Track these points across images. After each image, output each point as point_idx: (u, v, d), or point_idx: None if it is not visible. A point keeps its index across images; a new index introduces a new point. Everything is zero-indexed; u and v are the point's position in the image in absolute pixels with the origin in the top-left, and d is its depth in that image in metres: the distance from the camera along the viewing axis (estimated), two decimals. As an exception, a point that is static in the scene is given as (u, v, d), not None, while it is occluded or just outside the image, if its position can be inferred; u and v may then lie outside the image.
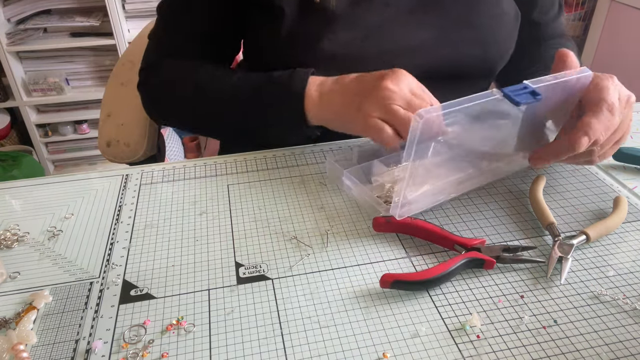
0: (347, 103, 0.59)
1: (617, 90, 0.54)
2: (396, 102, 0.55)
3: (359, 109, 0.57)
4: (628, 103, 0.55)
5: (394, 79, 0.56)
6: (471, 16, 0.69)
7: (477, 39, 0.70)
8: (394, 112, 0.54)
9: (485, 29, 0.70)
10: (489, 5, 0.70)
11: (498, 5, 0.71)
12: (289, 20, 0.66)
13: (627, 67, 2.07)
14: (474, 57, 0.71)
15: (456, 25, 0.69)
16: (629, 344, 0.42)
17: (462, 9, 0.69)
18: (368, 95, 0.57)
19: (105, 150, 0.90)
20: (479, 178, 0.60)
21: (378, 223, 0.54)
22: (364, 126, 0.57)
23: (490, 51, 0.71)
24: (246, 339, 0.43)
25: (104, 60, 2.13)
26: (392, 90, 0.55)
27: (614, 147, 0.57)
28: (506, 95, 0.50)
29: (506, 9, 0.72)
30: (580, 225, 0.55)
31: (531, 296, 0.47)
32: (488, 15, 0.70)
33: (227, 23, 0.72)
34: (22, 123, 2.21)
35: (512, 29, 0.73)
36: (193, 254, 0.52)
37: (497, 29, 0.71)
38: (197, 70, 0.70)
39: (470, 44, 0.70)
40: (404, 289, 0.47)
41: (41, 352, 0.43)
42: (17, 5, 1.97)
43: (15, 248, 0.54)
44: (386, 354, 0.41)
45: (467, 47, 0.70)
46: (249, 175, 0.65)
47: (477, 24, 0.69)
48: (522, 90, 0.51)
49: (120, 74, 0.93)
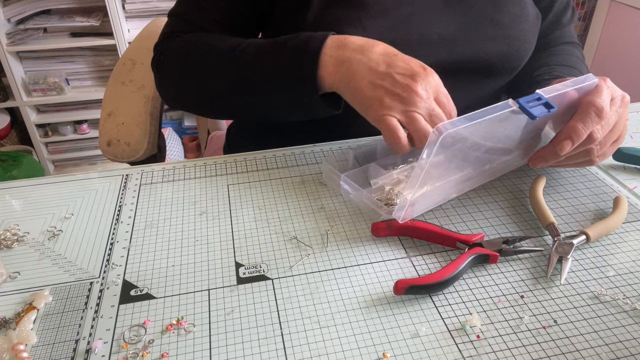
0: (369, 87, 0.56)
1: (610, 92, 0.54)
2: (420, 111, 0.53)
3: (381, 102, 0.55)
4: (623, 102, 0.55)
5: (424, 84, 0.54)
6: (496, 14, 0.69)
7: (503, 36, 0.70)
8: (415, 121, 0.53)
9: (510, 27, 0.70)
10: (512, 4, 0.70)
11: (519, 4, 0.71)
12: (317, 5, 0.66)
13: (627, 66, 2.07)
14: (499, 55, 0.70)
15: (481, 23, 0.69)
16: (629, 344, 0.42)
17: (487, 7, 0.69)
18: (396, 91, 0.54)
19: (106, 150, 0.90)
20: (479, 177, 0.60)
21: (377, 228, 0.53)
22: (380, 121, 0.55)
23: (515, 49, 0.71)
24: (246, 339, 0.43)
25: (104, 60, 2.13)
26: (420, 96, 0.54)
27: (612, 147, 0.57)
28: (522, 108, 0.50)
29: (528, 8, 0.72)
30: (580, 225, 0.55)
31: (531, 296, 0.47)
32: (512, 14, 0.70)
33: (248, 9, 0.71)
34: (22, 123, 2.21)
35: (534, 29, 0.74)
36: (193, 254, 0.52)
37: (522, 27, 0.71)
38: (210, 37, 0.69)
39: (496, 41, 0.70)
40: (420, 293, 0.47)
41: (41, 352, 0.43)
42: (17, 5, 1.97)
43: (15, 248, 0.54)
44: (386, 354, 0.41)
45: (492, 44, 0.70)
46: (249, 175, 0.65)
47: (502, 22, 0.70)
48: (536, 102, 0.51)
49: (120, 74, 0.93)
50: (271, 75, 0.62)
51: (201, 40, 0.68)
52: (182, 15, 0.73)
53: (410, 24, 0.67)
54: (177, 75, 0.70)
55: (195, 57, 0.68)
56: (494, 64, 0.71)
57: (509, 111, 0.50)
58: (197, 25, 0.71)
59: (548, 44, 0.81)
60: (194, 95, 0.71)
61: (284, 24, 0.71)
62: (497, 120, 0.50)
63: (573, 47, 0.82)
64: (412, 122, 0.53)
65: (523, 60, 0.74)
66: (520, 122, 0.55)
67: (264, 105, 0.65)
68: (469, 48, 0.69)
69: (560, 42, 0.82)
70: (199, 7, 0.71)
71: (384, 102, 0.54)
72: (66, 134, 2.25)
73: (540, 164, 0.57)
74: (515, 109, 0.50)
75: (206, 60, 0.66)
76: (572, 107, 0.55)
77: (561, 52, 0.80)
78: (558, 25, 0.81)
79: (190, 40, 0.69)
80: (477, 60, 0.70)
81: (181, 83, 0.71)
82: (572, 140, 0.53)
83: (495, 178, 0.62)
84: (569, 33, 0.83)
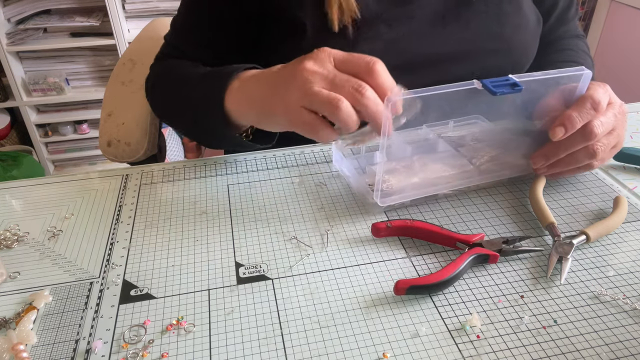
0: (267, 93, 0.52)
1: (608, 95, 0.55)
2: (317, 84, 0.48)
3: (280, 100, 0.50)
4: (621, 109, 0.56)
5: (315, 58, 0.49)
6: (495, 27, 0.69)
7: (503, 49, 0.69)
8: (315, 96, 0.47)
9: (511, 38, 0.69)
10: (511, 16, 0.69)
11: (519, 14, 0.70)
12: (311, 33, 0.65)
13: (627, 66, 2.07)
14: (499, 67, 0.70)
15: (481, 37, 0.69)
16: (629, 344, 0.42)
17: (488, 21, 0.68)
18: (288, 82, 0.50)
19: (106, 150, 0.90)
20: (475, 177, 0.60)
21: (377, 228, 0.53)
22: (288, 119, 0.50)
23: (515, 60, 0.71)
24: (246, 339, 0.43)
25: (104, 60, 2.13)
26: (311, 70, 0.48)
27: (611, 152, 0.58)
28: (484, 86, 0.51)
29: (528, 15, 0.71)
30: (580, 225, 0.55)
31: (531, 296, 0.47)
32: (513, 25, 0.69)
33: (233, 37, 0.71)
34: (22, 123, 2.21)
35: (535, 35, 0.73)
36: (193, 254, 0.52)
37: (522, 37, 0.70)
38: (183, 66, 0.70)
39: (495, 54, 0.69)
40: (420, 293, 0.47)
41: (41, 352, 0.43)
42: (17, 5, 1.97)
43: (15, 248, 0.54)
44: (386, 354, 0.41)
45: (492, 57, 0.69)
46: (249, 175, 0.65)
47: (503, 34, 0.69)
48: (503, 82, 0.51)
49: (120, 74, 0.93)
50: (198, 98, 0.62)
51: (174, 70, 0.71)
52: (171, 41, 0.75)
53: (407, 46, 0.67)
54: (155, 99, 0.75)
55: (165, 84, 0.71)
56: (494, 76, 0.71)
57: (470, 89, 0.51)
58: (183, 51, 0.73)
59: (554, 40, 0.81)
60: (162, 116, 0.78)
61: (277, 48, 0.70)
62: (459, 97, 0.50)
63: (578, 39, 0.83)
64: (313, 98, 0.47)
65: (524, 68, 0.74)
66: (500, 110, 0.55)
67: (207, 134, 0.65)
68: (467, 64, 0.69)
69: (566, 36, 0.82)
70: (185, 35, 0.73)
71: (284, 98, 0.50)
72: (66, 134, 2.25)
73: (541, 161, 0.57)
74: (478, 87, 0.51)
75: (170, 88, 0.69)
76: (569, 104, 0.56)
77: (567, 46, 0.80)
78: (563, 22, 0.81)
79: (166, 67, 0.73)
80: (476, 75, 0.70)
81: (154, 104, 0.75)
82: (566, 128, 0.53)
83: (496, 181, 0.62)
84: (573, 26, 0.83)
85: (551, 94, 0.56)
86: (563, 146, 0.55)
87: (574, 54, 0.78)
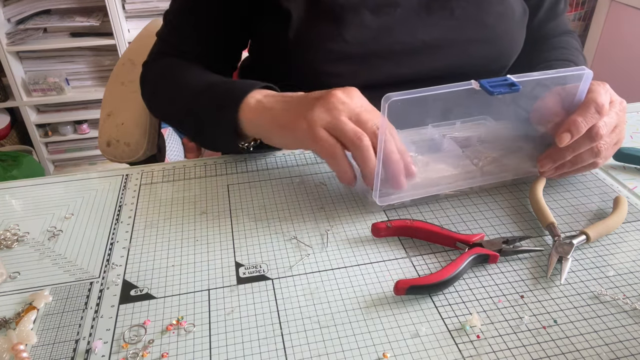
0: (288, 110, 0.54)
1: (609, 95, 0.55)
2: (344, 114, 0.51)
3: (303, 116, 0.52)
4: (622, 106, 0.56)
5: (345, 91, 0.53)
6: (480, 15, 0.69)
7: (487, 37, 0.70)
8: (342, 124, 0.50)
9: (495, 27, 0.70)
10: (496, 3, 0.70)
11: (503, 3, 0.70)
12: (297, 22, 0.66)
13: (627, 66, 2.07)
14: (485, 57, 0.70)
15: (465, 25, 0.69)
16: (629, 344, 0.42)
17: (469, 9, 0.69)
18: (315, 102, 0.52)
19: (106, 150, 0.90)
20: (478, 179, 0.60)
21: (377, 228, 0.53)
22: (308, 136, 0.52)
23: (500, 49, 0.71)
24: (246, 339, 0.43)
25: (104, 60, 2.13)
26: (342, 100, 0.51)
27: (612, 150, 0.58)
28: (482, 86, 0.51)
29: (513, 5, 0.72)
30: (580, 225, 0.55)
31: (531, 296, 0.47)
32: (497, 13, 0.70)
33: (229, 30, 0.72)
34: (22, 123, 2.21)
35: (521, 25, 0.73)
36: (193, 254, 0.52)
37: (506, 26, 0.71)
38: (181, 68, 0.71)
39: (480, 43, 0.70)
40: (420, 293, 0.47)
41: (41, 352, 0.43)
42: (17, 5, 1.97)
43: (15, 248, 0.54)
44: (386, 354, 0.41)
45: (477, 47, 0.70)
46: (249, 175, 0.65)
47: (486, 22, 0.69)
48: (500, 82, 0.51)
49: (120, 74, 0.93)
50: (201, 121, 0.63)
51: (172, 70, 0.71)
52: (165, 39, 0.75)
53: (392, 34, 0.67)
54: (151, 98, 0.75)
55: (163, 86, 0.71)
56: (480, 66, 0.71)
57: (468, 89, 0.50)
58: (178, 49, 0.73)
59: (545, 36, 0.81)
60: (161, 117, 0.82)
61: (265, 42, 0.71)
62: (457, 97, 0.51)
63: (570, 37, 0.83)
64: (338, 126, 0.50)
65: (510, 59, 0.74)
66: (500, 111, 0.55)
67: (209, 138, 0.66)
68: (453, 52, 0.69)
69: (557, 33, 0.82)
70: (179, 32, 0.73)
71: (306, 115, 0.52)
72: (66, 134, 2.25)
73: (548, 164, 0.57)
74: (475, 87, 0.51)
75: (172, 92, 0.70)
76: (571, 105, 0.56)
77: (559, 44, 0.80)
78: (553, 16, 0.81)
79: (165, 67, 0.73)
80: (462, 64, 0.70)
81: (153, 105, 0.76)
82: (572, 133, 0.53)
83: (499, 182, 0.61)
84: (563, 22, 0.84)
85: (548, 93, 0.56)
86: (570, 148, 0.55)
87: (568, 52, 0.78)
